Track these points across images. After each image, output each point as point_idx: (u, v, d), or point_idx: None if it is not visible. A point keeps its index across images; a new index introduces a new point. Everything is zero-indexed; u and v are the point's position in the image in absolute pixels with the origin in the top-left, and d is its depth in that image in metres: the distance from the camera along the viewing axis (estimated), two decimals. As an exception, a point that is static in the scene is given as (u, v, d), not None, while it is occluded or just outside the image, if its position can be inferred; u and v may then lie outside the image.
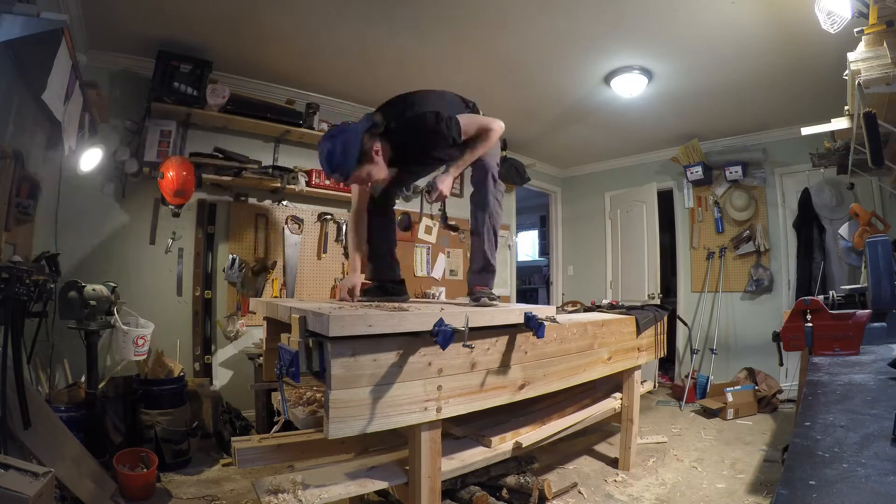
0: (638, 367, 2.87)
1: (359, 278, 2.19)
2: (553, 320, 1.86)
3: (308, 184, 3.90)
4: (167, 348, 3.18)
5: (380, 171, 1.92)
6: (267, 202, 3.94)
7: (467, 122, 1.98)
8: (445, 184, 1.99)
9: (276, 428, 1.88)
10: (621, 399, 2.85)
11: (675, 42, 3.24)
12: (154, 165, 3.26)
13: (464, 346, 1.55)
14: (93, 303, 2.56)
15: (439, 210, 2.58)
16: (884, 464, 0.66)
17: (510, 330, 1.81)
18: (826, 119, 2.97)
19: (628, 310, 3.05)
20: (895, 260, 1.56)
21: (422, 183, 2.43)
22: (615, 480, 2.74)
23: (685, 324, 5.06)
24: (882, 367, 1.22)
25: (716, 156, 5.03)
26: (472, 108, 2.19)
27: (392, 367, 1.47)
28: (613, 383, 2.94)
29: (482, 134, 2.00)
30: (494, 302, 1.97)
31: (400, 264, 2.44)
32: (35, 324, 2.32)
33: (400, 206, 4.71)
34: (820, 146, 3.58)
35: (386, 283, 2.32)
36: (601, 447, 3.30)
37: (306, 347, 1.40)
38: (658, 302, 4.91)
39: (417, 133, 1.93)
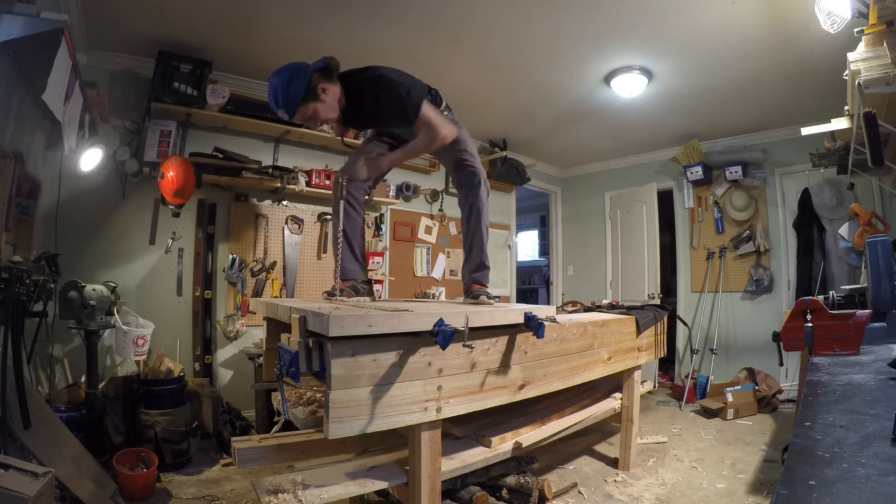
0: (638, 368, 2.87)
1: None
2: (553, 320, 1.86)
3: (308, 184, 3.90)
4: (167, 348, 3.18)
5: (327, 111, 1.91)
6: (267, 202, 3.94)
7: (426, 112, 1.98)
8: (372, 165, 2.08)
9: (276, 428, 1.88)
10: (621, 399, 2.85)
11: (675, 42, 3.24)
12: (154, 165, 3.26)
13: (464, 346, 1.55)
14: (93, 303, 2.56)
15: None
16: (884, 464, 0.66)
17: (510, 330, 1.81)
18: (826, 119, 2.97)
19: (628, 310, 3.05)
20: (895, 260, 1.56)
21: (421, 184, 2.46)
22: (615, 480, 2.74)
23: (685, 324, 5.06)
24: (882, 367, 1.22)
25: (716, 156, 5.03)
26: (433, 95, 2.19)
27: (392, 367, 1.47)
28: (613, 383, 2.94)
29: (428, 133, 2.01)
30: (492, 301, 1.98)
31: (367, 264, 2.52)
32: (35, 324, 2.32)
33: (405, 205, 4.72)
34: (820, 146, 3.58)
35: (357, 283, 2.33)
36: (601, 447, 3.30)
37: (306, 347, 1.40)
38: (658, 302, 4.91)
39: (377, 93, 1.95)
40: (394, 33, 3.17)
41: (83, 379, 2.69)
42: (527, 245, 10.01)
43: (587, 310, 3.51)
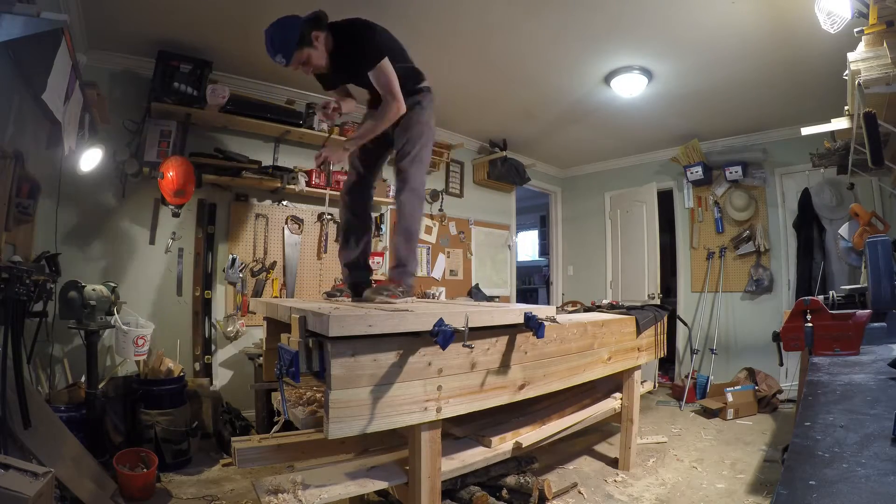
0: (638, 368, 2.87)
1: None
2: (553, 320, 1.86)
3: (308, 184, 3.90)
4: (167, 348, 3.18)
5: (319, 56, 2.06)
6: (267, 202, 3.94)
7: (384, 72, 2.03)
8: (335, 154, 2.16)
9: (276, 428, 1.88)
10: (621, 399, 2.85)
11: (675, 42, 3.24)
12: (154, 165, 3.26)
13: (464, 346, 1.55)
14: (93, 303, 2.56)
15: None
16: (884, 464, 0.66)
17: (510, 330, 1.81)
18: (826, 119, 2.97)
19: (628, 310, 3.05)
20: (895, 260, 1.56)
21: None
22: (615, 480, 2.74)
23: (685, 324, 5.06)
24: (882, 367, 1.22)
25: (716, 156, 5.03)
26: (413, 69, 2.24)
27: (392, 367, 1.47)
28: (613, 383, 2.94)
29: (384, 100, 2.08)
30: (395, 297, 1.98)
31: (371, 266, 2.54)
32: (35, 324, 2.32)
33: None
34: (820, 146, 3.58)
35: (358, 283, 2.38)
36: (601, 447, 3.30)
37: (306, 347, 1.40)
38: (658, 302, 4.91)
39: (352, 34, 2.06)
40: (393, 32, 3.16)
41: (83, 379, 2.69)
42: (527, 245, 10.01)
43: (587, 310, 3.51)
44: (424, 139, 2.22)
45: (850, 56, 2.10)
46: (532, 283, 9.15)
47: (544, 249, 9.13)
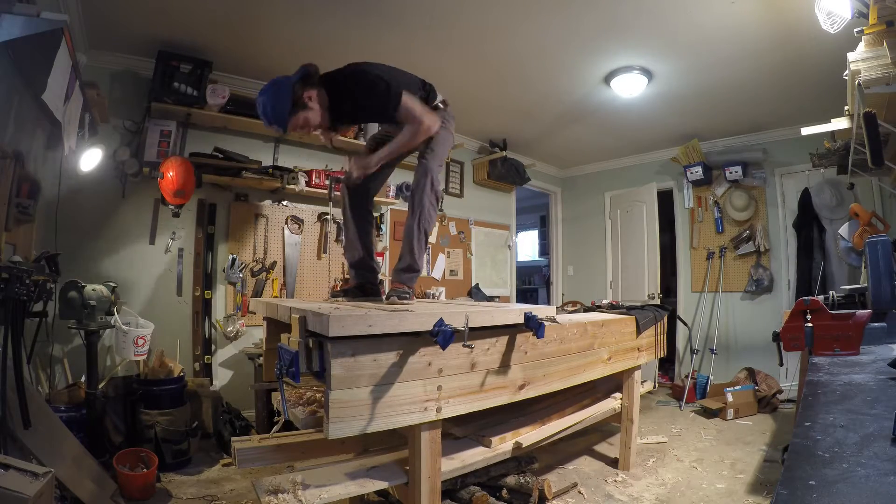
0: (638, 368, 2.87)
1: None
2: (553, 320, 1.86)
3: (308, 184, 3.90)
4: (167, 348, 3.18)
5: (316, 116, 1.99)
6: (267, 202, 3.94)
7: (409, 109, 1.99)
8: (360, 163, 2.09)
9: (276, 428, 1.88)
10: (621, 399, 2.85)
11: (675, 42, 3.24)
12: (154, 165, 3.26)
13: (464, 346, 1.55)
14: (93, 303, 2.56)
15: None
16: (884, 464, 0.66)
17: (510, 330, 1.81)
18: (826, 119, 2.97)
19: (628, 310, 3.05)
20: (895, 260, 1.56)
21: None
22: (615, 480, 2.74)
23: (685, 324, 5.06)
24: (882, 367, 1.22)
25: (716, 156, 5.03)
26: (427, 89, 2.20)
27: (392, 367, 1.47)
28: (613, 383, 2.94)
29: (412, 126, 2.02)
30: (404, 300, 1.95)
31: (379, 265, 2.51)
32: (35, 324, 2.32)
33: (405, 206, 4.71)
34: (820, 146, 3.58)
35: (365, 284, 2.37)
36: (601, 447, 3.30)
37: (306, 347, 1.40)
38: (658, 302, 4.92)
39: (356, 87, 2.00)
40: (393, 33, 3.17)
41: (83, 379, 2.69)
42: (527, 245, 10.02)
43: (587, 310, 3.52)
44: (445, 146, 2.20)
45: (850, 56, 2.10)
46: (532, 283, 9.15)
47: (544, 249, 9.13)
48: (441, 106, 2.22)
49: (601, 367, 2.44)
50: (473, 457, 1.89)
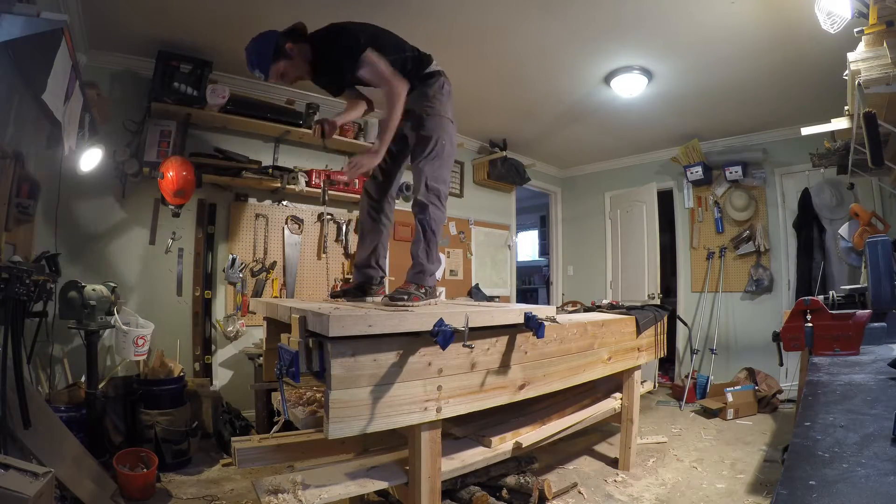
0: (638, 368, 2.87)
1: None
2: (553, 320, 1.86)
3: (308, 184, 3.90)
4: (167, 348, 3.18)
5: (296, 67, 2.10)
6: (267, 202, 3.94)
7: (369, 61, 1.99)
8: (366, 158, 2.06)
9: (276, 428, 1.88)
10: (621, 399, 2.85)
11: (675, 42, 3.24)
12: (154, 165, 3.26)
13: (464, 346, 1.55)
14: (93, 303, 2.56)
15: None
16: (884, 464, 0.66)
17: (510, 330, 1.81)
18: (826, 119, 2.97)
19: (628, 310, 3.05)
20: (895, 260, 1.56)
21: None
22: (615, 480, 2.74)
23: (685, 324, 5.06)
24: (882, 367, 1.22)
25: (716, 156, 5.03)
26: (415, 56, 2.18)
27: (392, 367, 1.47)
28: (613, 383, 2.94)
29: (383, 91, 2.03)
30: (402, 300, 1.92)
31: (385, 270, 2.49)
32: (35, 324, 2.32)
33: (405, 205, 4.72)
34: (820, 146, 3.58)
35: (366, 284, 2.37)
36: (601, 447, 3.30)
37: (306, 347, 1.40)
38: (658, 302, 4.92)
39: (332, 41, 2.07)
40: (393, 32, 3.16)
41: (83, 379, 2.69)
42: (527, 245, 10.01)
43: (587, 310, 3.52)
44: (439, 132, 2.12)
45: (850, 56, 2.10)
46: (532, 283, 9.15)
47: (544, 249, 9.13)
48: (434, 74, 2.21)
49: (601, 367, 2.44)
50: (473, 457, 1.89)
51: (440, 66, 2.27)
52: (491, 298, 5.22)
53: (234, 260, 3.68)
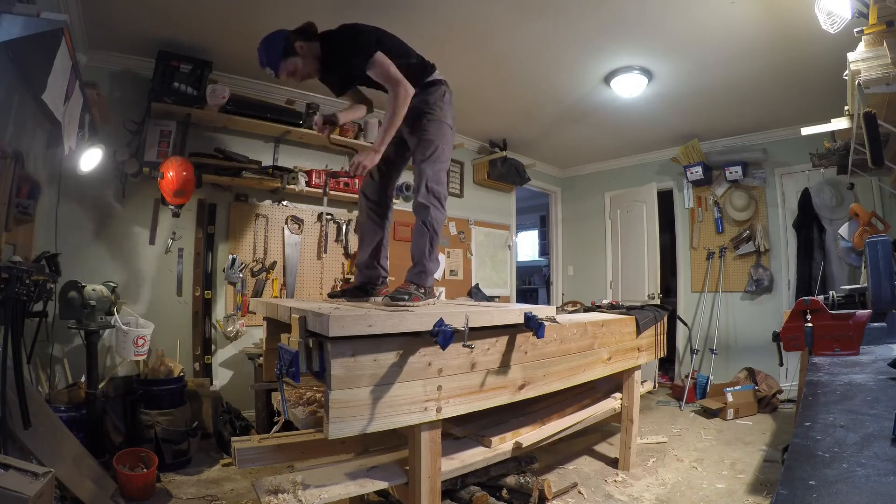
0: (638, 368, 2.87)
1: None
2: (553, 320, 1.86)
3: (308, 184, 3.90)
4: (167, 348, 3.18)
5: (306, 65, 2.13)
6: (267, 202, 3.94)
7: (379, 63, 2.02)
8: (367, 157, 2.08)
9: (276, 428, 1.88)
10: (621, 399, 2.85)
11: (675, 42, 3.24)
12: (154, 165, 3.26)
13: (464, 346, 1.55)
14: (93, 303, 2.56)
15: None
16: (884, 464, 0.66)
17: (510, 330, 1.81)
18: (826, 119, 2.97)
19: (628, 310, 3.05)
20: (895, 260, 1.56)
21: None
22: (615, 480, 2.74)
23: (685, 324, 5.06)
24: (882, 367, 1.22)
25: (716, 156, 5.03)
26: (419, 63, 2.20)
27: (392, 367, 1.47)
28: (613, 383, 2.94)
29: (390, 92, 2.04)
30: (402, 300, 1.90)
31: (387, 269, 2.49)
32: (35, 324, 2.32)
33: (405, 205, 4.72)
34: (820, 146, 3.58)
35: (366, 284, 2.38)
36: (601, 447, 3.30)
37: (306, 347, 1.40)
38: (658, 302, 4.92)
39: (343, 41, 2.11)
40: (392, 32, 3.16)
41: (83, 379, 2.69)
42: (527, 245, 10.01)
43: (587, 310, 3.51)
44: (439, 138, 2.17)
45: (850, 56, 2.10)
46: (532, 283, 9.14)
47: (544, 249, 9.13)
48: (437, 83, 2.23)
49: (601, 367, 2.44)
50: (473, 457, 1.89)
51: (442, 76, 2.29)
52: (491, 298, 5.22)
53: (234, 260, 3.68)
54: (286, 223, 3.98)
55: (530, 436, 2.12)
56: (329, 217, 4.20)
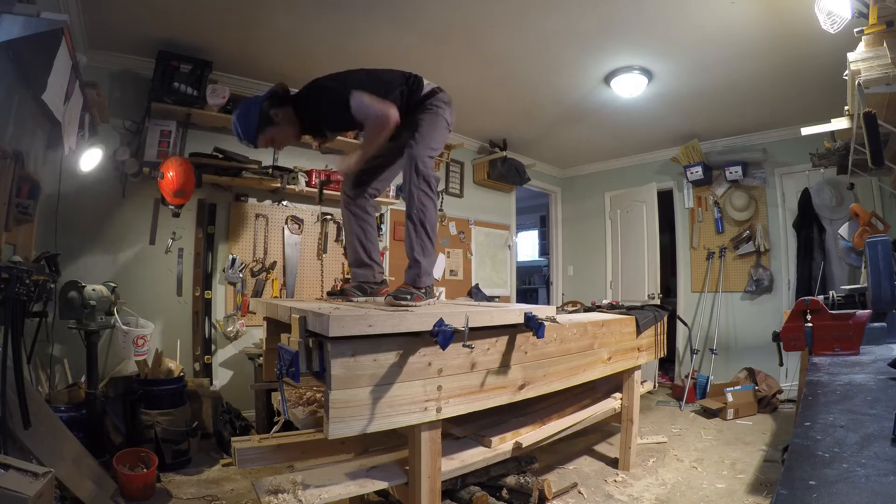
0: (638, 368, 2.87)
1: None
2: (553, 320, 1.86)
3: (308, 184, 3.90)
4: (167, 348, 3.18)
5: (283, 133, 2.11)
6: (267, 202, 3.94)
7: (358, 105, 1.98)
8: (344, 163, 2.13)
9: (276, 428, 1.88)
10: (621, 399, 2.85)
11: (675, 42, 3.24)
12: (154, 165, 3.26)
13: (464, 346, 1.55)
14: (93, 303, 2.56)
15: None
16: (884, 464, 0.66)
17: (510, 330, 1.80)
18: (826, 119, 2.97)
19: (628, 310, 3.05)
20: (895, 260, 1.56)
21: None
22: (615, 480, 2.74)
23: (685, 324, 5.06)
24: (882, 367, 1.22)
25: (716, 156, 5.03)
26: (409, 84, 2.16)
27: (392, 367, 1.47)
28: (613, 383, 2.94)
29: (368, 119, 2.02)
30: (404, 300, 1.86)
31: (381, 264, 2.47)
32: (35, 324, 2.32)
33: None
34: (820, 146, 3.58)
35: (363, 284, 2.35)
36: (601, 447, 3.30)
37: (306, 347, 1.40)
38: (658, 302, 4.92)
39: (316, 101, 2.09)
40: (391, 32, 3.17)
41: (83, 379, 2.69)
42: (527, 245, 10.01)
43: (587, 310, 3.51)
44: (431, 125, 2.11)
45: (850, 56, 2.10)
46: (532, 283, 9.15)
47: (544, 249, 9.13)
48: (433, 93, 2.18)
49: (601, 367, 2.44)
50: (473, 457, 1.89)
51: (435, 83, 2.23)
52: (491, 298, 5.22)
53: (234, 260, 3.68)
54: (286, 223, 3.98)
55: (530, 436, 2.12)
56: (329, 217, 4.20)
